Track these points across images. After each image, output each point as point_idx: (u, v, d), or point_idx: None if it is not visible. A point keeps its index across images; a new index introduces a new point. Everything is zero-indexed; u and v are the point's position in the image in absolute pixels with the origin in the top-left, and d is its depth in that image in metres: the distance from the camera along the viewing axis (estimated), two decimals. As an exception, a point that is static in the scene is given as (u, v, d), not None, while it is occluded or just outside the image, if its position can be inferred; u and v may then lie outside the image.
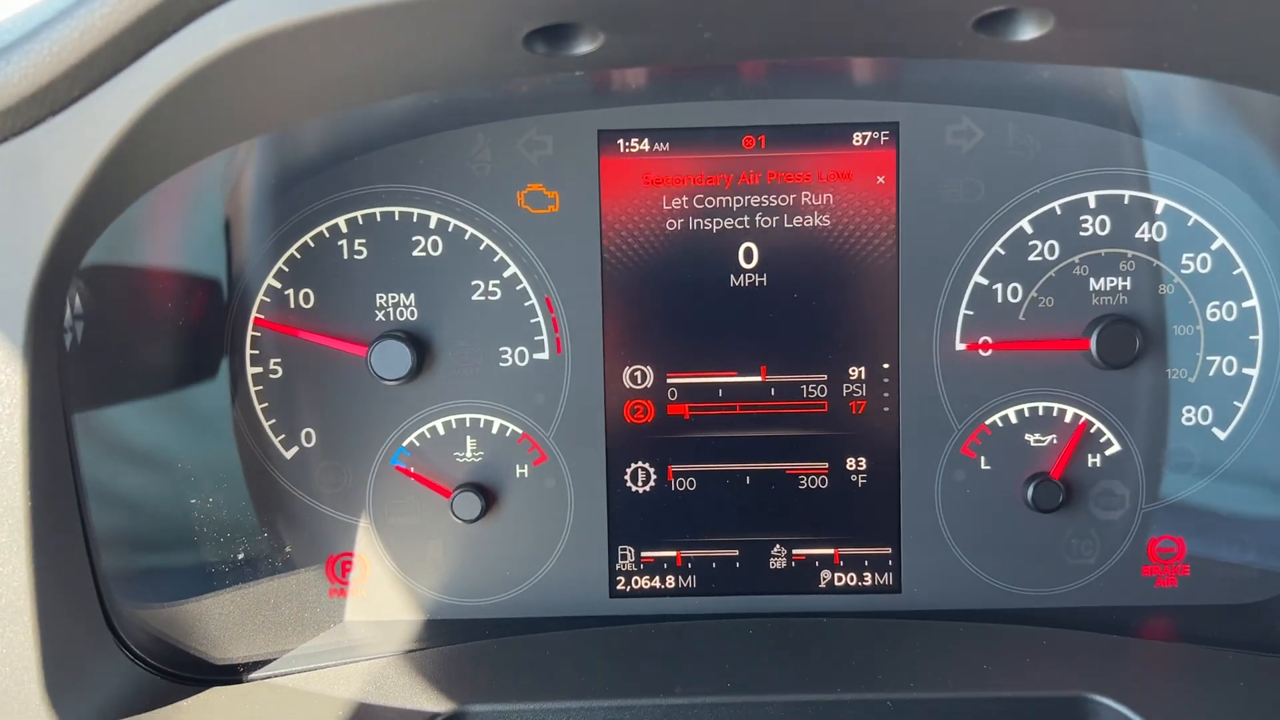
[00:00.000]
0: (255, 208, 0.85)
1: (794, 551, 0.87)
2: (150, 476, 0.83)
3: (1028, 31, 0.56)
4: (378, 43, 0.55)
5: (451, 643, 0.82)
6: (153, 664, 0.74)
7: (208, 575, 0.84)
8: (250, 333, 0.86)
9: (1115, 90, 0.80)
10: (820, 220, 0.85)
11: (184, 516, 0.83)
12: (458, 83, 0.62)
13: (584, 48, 0.57)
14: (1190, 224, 0.84)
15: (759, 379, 0.86)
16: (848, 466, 0.87)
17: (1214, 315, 0.85)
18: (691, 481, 0.87)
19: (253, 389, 0.86)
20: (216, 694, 0.74)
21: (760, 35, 0.57)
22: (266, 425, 0.86)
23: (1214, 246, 0.84)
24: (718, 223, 0.85)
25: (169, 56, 0.53)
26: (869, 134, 0.84)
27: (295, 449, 0.86)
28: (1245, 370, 0.85)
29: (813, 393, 0.86)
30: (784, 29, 0.56)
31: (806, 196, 0.85)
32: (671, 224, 0.85)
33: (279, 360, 0.86)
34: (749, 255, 0.86)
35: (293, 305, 0.85)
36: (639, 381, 0.87)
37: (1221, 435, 0.86)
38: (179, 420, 0.85)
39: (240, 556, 0.85)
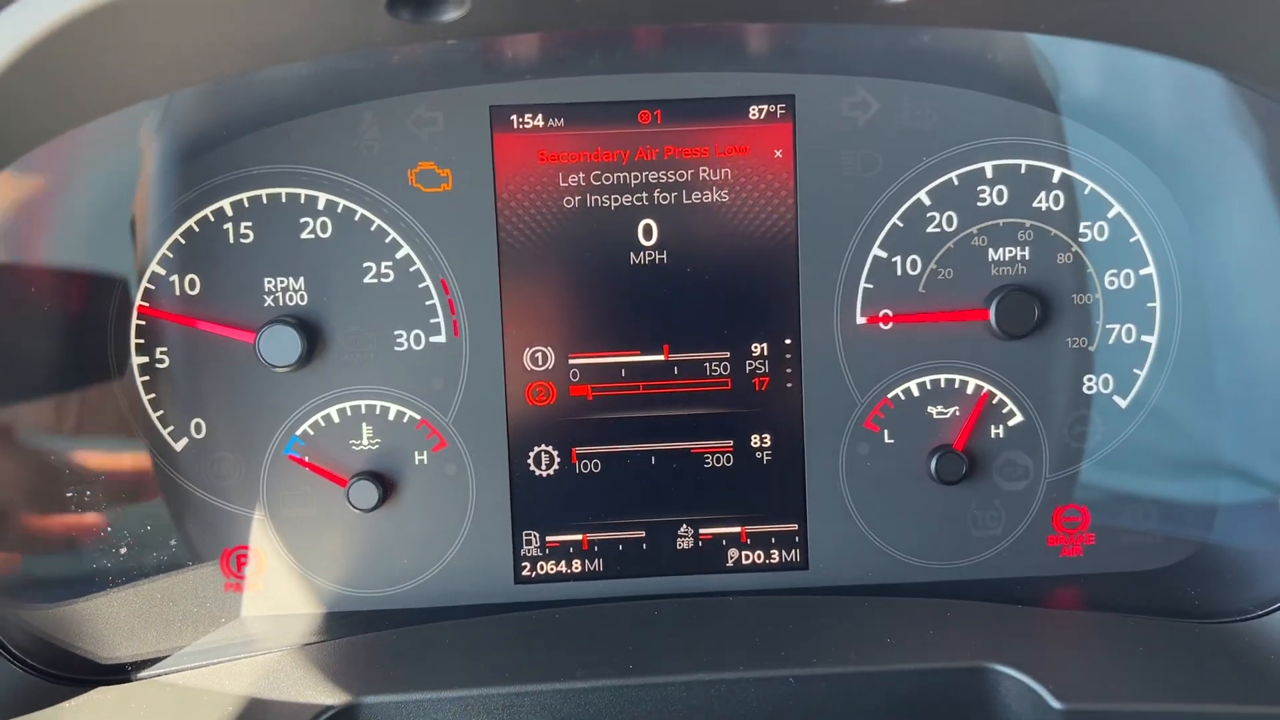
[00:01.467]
0: (137, 193, 0.82)
1: (701, 531, 0.86)
2: (31, 473, 0.80)
3: (902, -8, 0.55)
4: (237, 7, 0.53)
5: (351, 635, 0.80)
6: (35, 666, 0.72)
7: (96, 574, 0.81)
8: (135, 321, 0.83)
9: (1010, 59, 0.80)
10: (719, 195, 0.84)
11: (69, 514, 0.80)
12: (326, 50, 0.60)
13: (451, 13, 0.55)
14: (1087, 192, 0.84)
15: (662, 358, 0.85)
16: (752, 444, 0.86)
17: (1112, 283, 0.85)
18: (596, 463, 0.86)
19: (139, 379, 0.83)
20: (102, 694, 0.72)
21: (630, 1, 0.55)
22: (154, 416, 0.83)
23: (1111, 215, 0.85)
24: (616, 199, 0.84)
25: (6, 27, 0.50)
26: (765, 107, 0.83)
27: (185, 440, 0.84)
28: (1144, 338, 0.86)
29: (715, 370, 0.85)
30: (654, -8, 0.55)
31: (705, 172, 0.84)
32: (569, 201, 0.84)
33: (165, 349, 0.83)
34: (648, 232, 0.84)
35: (178, 292, 0.82)
36: (540, 363, 0.85)
37: (1122, 403, 0.86)
38: (64, 415, 0.82)
39: (130, 553, 0.82)
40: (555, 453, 0.86)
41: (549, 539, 0.86)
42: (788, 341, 0.85)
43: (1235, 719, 0.66)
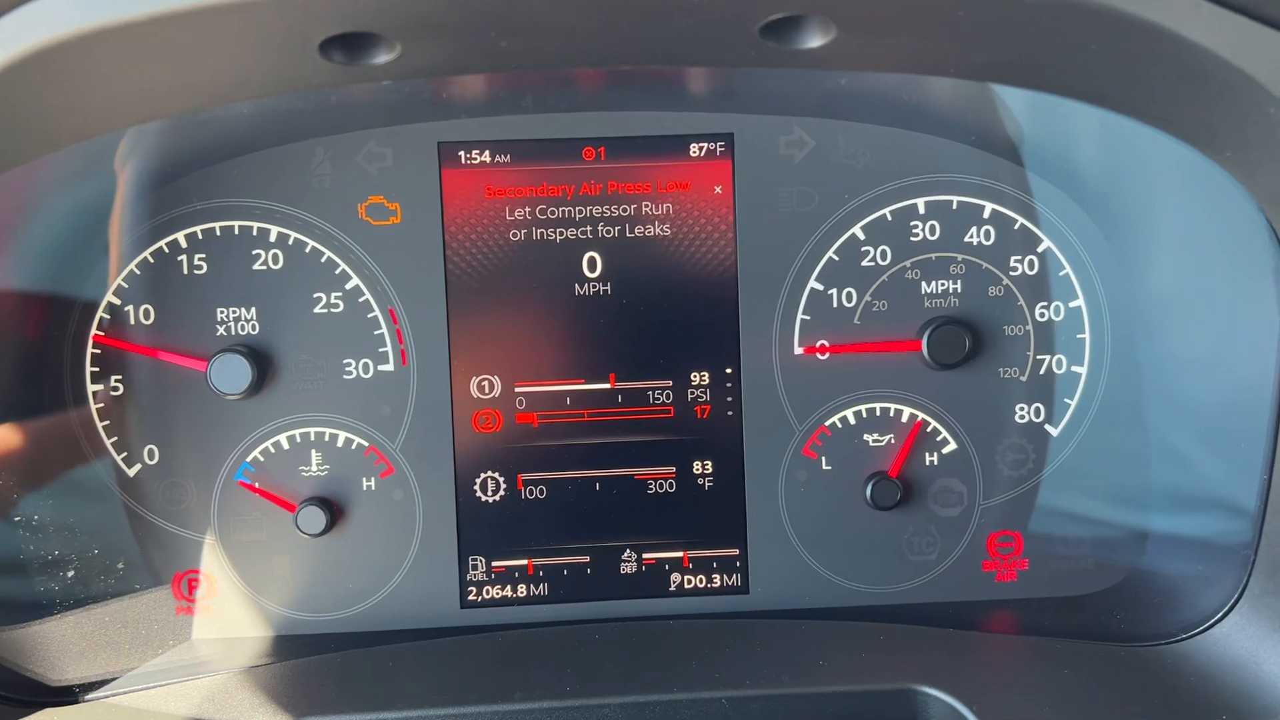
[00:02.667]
0: (93, 225, 0.84)
1: (644, 556, 0.88)
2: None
3: (813, 39, 0.58)
4: (173, 53, 0.55)
5: (299, 657, 0.81)
6: (-21, 687, 0.73)
7: (45, 597, 0.82)
8: (90, 350, 0.85)
9: (940, 100, 0.83)
10: (661, 229, 0.87)
11: (20, 538, 0.82)
12: (268, 92, 0.62)
13: (382, 57, 0.58)
14: (1017, 227, 0.87)
15: (606, 386, 0.87)
16: (694, 470, 0.88)
17: (1043, 315, 0.88)
18: (542, 489, 0.88)
19: (94, 407, 0.85)
20: (49, 715, 0.73)
21: (554, 44, 0.58)
22: (109, 442, 0.85)
23: (1040, 249, 0.87)
24: (561, 232, 0.86)
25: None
26: (705, 145, 0.86)
27: (138, 466, 0.85)
28: (1074, 368, 0.88)
29: (658, 399, 0.88)
30: (575, 38, 0.57)
31: (647, 206, 0.86)
32: (515, 234, 0.86)
33: (120, 377, 0.85)
34: (593, 264, 0.87)
35: (132, 322, 0.85)
36: (486, 391, 0.87)
37: (1054, 432, 0.89)
38: (17, 440, 0.84)
39: (78, 576, 0.83)
40: (501, 479, 0.88)
41: (495, 564, 0.88)
42: (728, 370, 0.87)
43: (1150, 738, 0.68)
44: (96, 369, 0.85)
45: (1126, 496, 0.89)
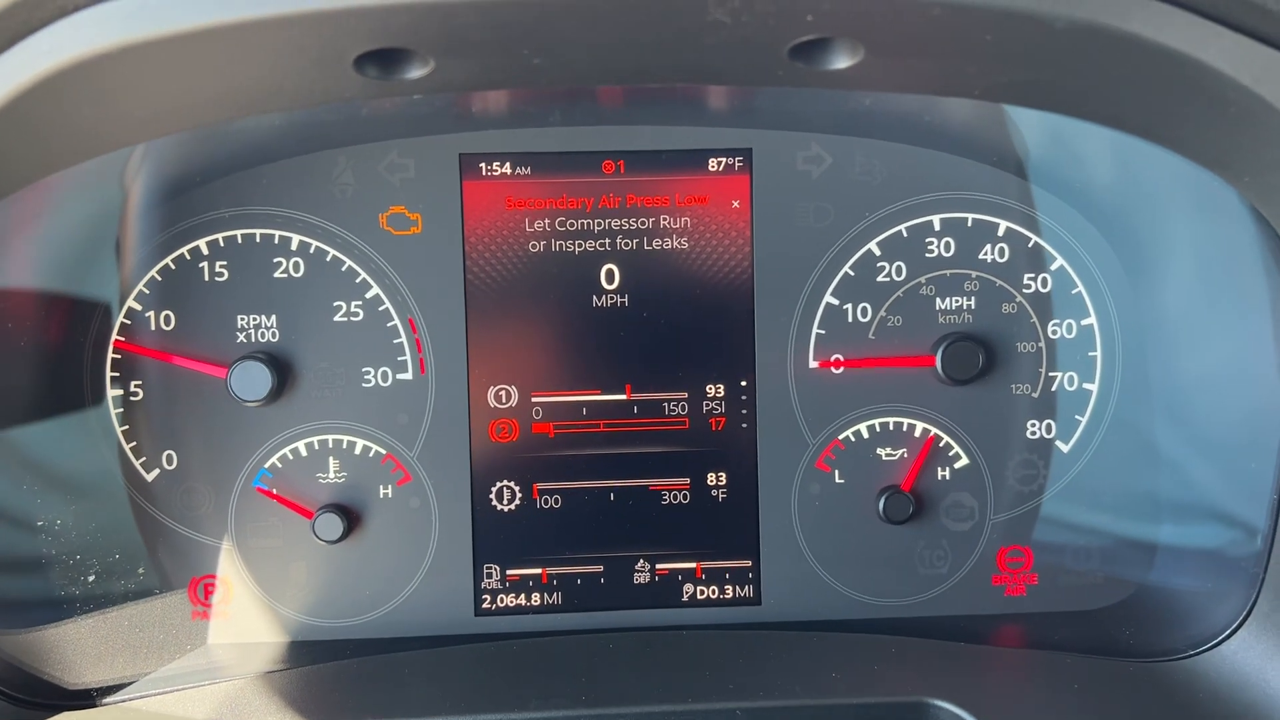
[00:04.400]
0: (115, 231, 0.85)
1: (657, 566, 0.89)
2: (3, 499, 0.82)
3: (841, 60, 0.59)
4: (209, 66, 0.56)
5: (314, 663, 0.81)
6: (1, 690, 0.74)
7: (64, 601, 0.83)
8: (110, 355, 0.85)
9: (957, 119, 0.84)
10: (679, 243, 0.87)
11: (39, 541, 0.82)
12: (299, 105, 0.63)
13: (416, 72, 0.59)
14: (1030, 245, 0.88)
15: (621, 397, 0.88)
16: (708, 482, 0.89)
17: (1055, 333, 0.89)
18: (556, 499, 0.89)
19: (113, 411, 0.85)
20: (66, 718, 0.73)
21: (585, 62, 0.59)
22: (127, 447, 0.86)
23: (1053, 267, 0.88)
24: (579, 245, 0.87)
25: (-7, 77, 0.53)
26: (724, 160, 0.87)
27: (156, 471, 0.86)
28: (1085, 385, 0.89)
29: (673, 410, 0.88)
30: (606, 56, 0.58)
31: (665, 220, 0.87)
32: (534, 246, 0.87)
33: (140, 383, 0.86)
34: (610, 276, 0.88)
35: (153, 327, 0.85)
36: (503, 401, 0.88)
37: (1065, 448, 0.89)
38: (39, 446, 0.84)
39: (98, 581, 0.84)
40: (517, 488, 0.88)
41: (509, 572, 0.89)
42: (743, 383, 0.88)
43: (1161, 754, 0.69)
44: (116, 374, 0.85)
45: (1136, 513, 0.90)
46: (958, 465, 0.89)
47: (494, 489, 0.88)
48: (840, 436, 0.89)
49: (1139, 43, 0.54)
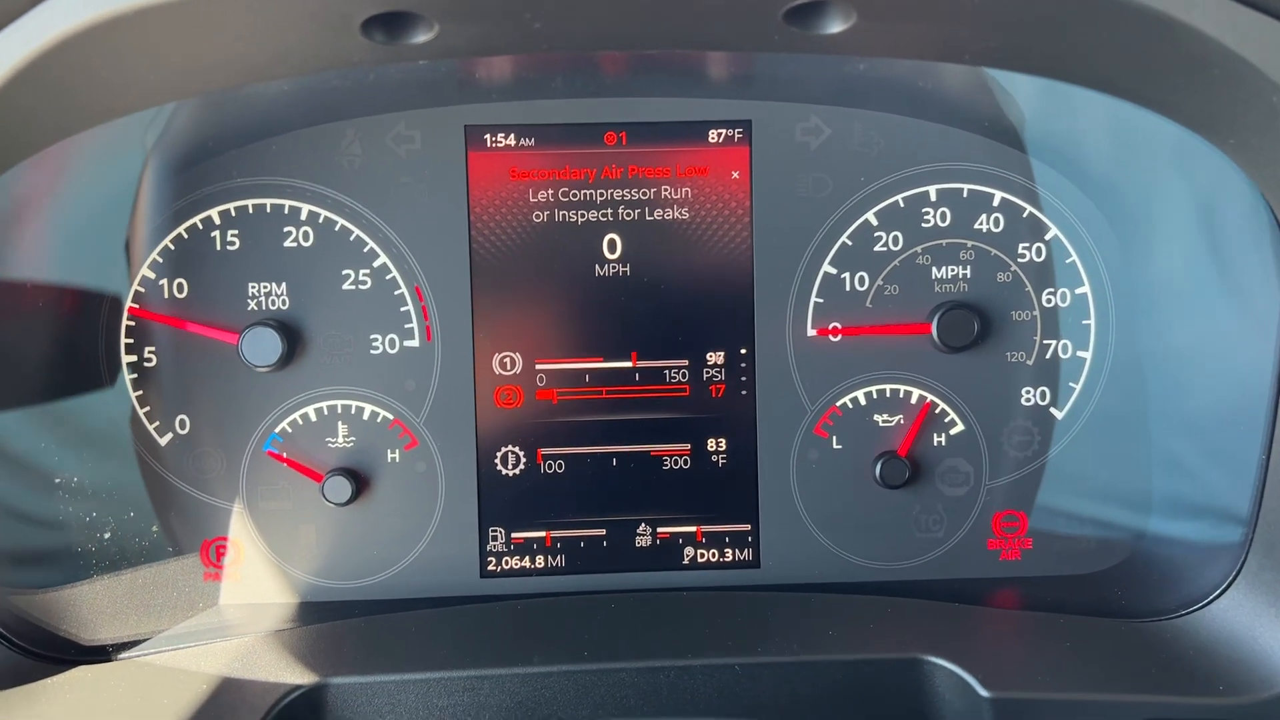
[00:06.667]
0: (129, 201, 0.87)
1: (658, 530, 0.91)
2: (22, 466, 0.84)
3: (834, 24, 0.60)
4: (216, 30, 0.58)
5: (322, 622, 0.84)
6: (19, 645, 0.75)
7: (80, 561, 0.85)
8: (125, 322, 0.87)
9: (952, 89, 0.86)
10: (679, 213, 0.89)
11: (57, 505, 0.84)
12: (307, 69, 0.65)
13: (421, 36, 0.60)
14: (1025, 215, 0.90)
15: (625, 364, 0.90)
16: (708, 448, 0.90)
17: (1049, 301, 0.90)
18: (560, 464, 0.90)
19: (127, 377, 0.87)
20: (83, 672, 0.76)
21: (584, 26, 0.60)
22: (141, 413, 0.88)
23: (1048, 237, 0.90)
24: (582, 215, 0.89)
25: (10, 41, 0.55)
26: (724, 131, 0.89)
27: (170, 436, 0.88)
28: (1079, 353, 0.91)
29: (675, 377, 0.90)
30: (605, 20, 0.59)
31: (666, 190, 0.89)
32: (538, 216, 0.89)
33: (153, 349, 0.87)
34: (613, 246, 0.89)
35: (166, 295, 0.87)
36: (508, 368, 0.90)
37: (1058, 415, 0.91)
38: (54, 412, 0.86)
39: (113, 538, 0.86)
40: (521, 453, 0.90)
41: (514, 535, 0.91)
42: (743, 351, 0.90)
43: (1149, 708, 0.70)
44: (130, 340, 0.87)
45: (1129, 478, 0.91)
46: (953, 431, 0.91)
47: (499, 454, 0.90)
48: (838, 403, 0.90)
49: (1124, 5, 0.56)
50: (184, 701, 0.70)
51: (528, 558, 0.91)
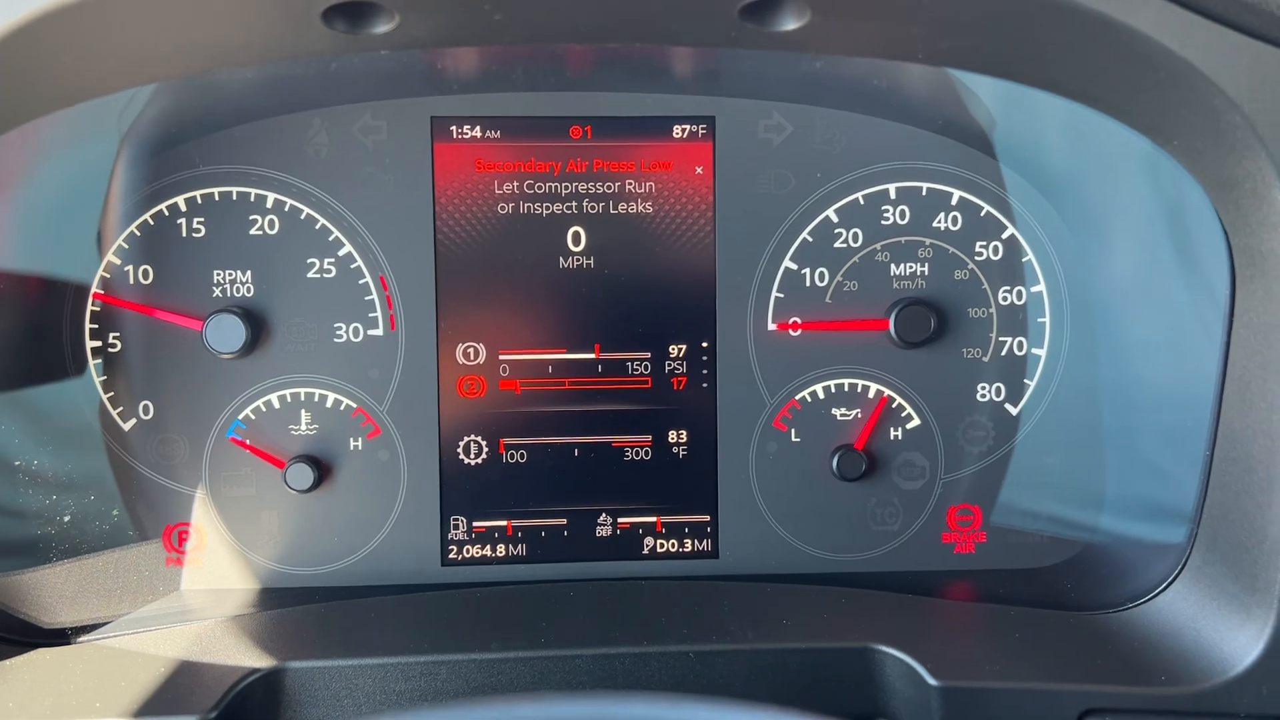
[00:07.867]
0: (95, 186, 0.87)
1: (619, 520, 0.92)
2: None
3: (789, 21, 0.62)
4: (177, 16, 0.58)
5: (283, 608, 0.84)
6: (-26, 627, 0.76)
7: (40, 541, 0.85)
8: (90, 307, 0.88)
9: (913, 89, 0.87)
10: (643, 207, 0.90)
11: (17, 488, 0.85)
12: (270, 57, 0.65)
13: (382, 26, 0.61)
14: (983, 214, 0.91)
15: (588, 356, 0.91)
16: (669, 439, 0.92)
17: (1005, 299, 0.92)
18: (522, 454, 0.91)
19: (91, 362, 0.88)
20: (42, 654, 0.76)
21: (543, 17, 0.61)
22: (105, 398, 0.88)
23: (1005, 235, 0.91)
24: (547, 207, 0.90)
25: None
26: (688, 127, 0.90)
27: (133, 421, 0.88)
28: (1034, 350, 0.92)
29: (637, 369, 0.91)
30: (564, 12, 0.60)
31: (630, 184, 0.90)
32: (503, 208, 0.90)
33: (118, 335, 0.88)
34: (577, 238, 0.90)
35: (132, 281, 0.88)
36: (471, 358, 0.91)
37: (1013, 411, 0.93)
38: (17, 396, 0.87)
39: (74, 523, 0.86)
40: (484, 443, 0.91)
41: (476, 524, 0.91)
42: (704, 344, 0.91)
43: (1095, 697, 0.72)
44: (95, 326, 0.88)
45: (1081, 475, 0.93)
46: (909, 426, 0.92)
47: (461, 443, 0.91)
48: (797, 397, 0.92)
49: (1066, 7, 0.57)
50: (141, 684, 0.71)
51: (489, 546, 0.91)
